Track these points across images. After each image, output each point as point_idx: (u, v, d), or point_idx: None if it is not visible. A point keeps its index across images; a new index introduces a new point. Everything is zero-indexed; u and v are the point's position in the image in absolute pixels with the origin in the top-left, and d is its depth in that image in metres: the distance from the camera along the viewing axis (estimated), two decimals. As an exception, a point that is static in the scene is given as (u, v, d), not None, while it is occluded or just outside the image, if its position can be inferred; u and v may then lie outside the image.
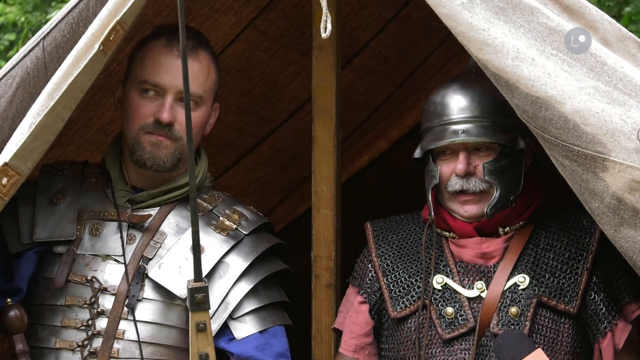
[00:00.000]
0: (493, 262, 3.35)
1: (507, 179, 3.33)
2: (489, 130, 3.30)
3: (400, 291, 3.41)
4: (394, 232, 3.52)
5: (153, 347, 3.23)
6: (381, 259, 3.47)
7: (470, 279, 3.35)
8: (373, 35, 4.49)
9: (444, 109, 3.36)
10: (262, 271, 3.32)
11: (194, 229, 2.63)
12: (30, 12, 11.72)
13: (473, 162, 3.31)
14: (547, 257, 3.34)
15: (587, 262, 3.32)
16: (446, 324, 3.32)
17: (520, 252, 3.35)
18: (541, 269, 3.33)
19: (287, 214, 5.37)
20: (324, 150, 3.60)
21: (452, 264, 3.38)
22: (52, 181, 3.41)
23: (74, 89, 3.00)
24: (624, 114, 2.86)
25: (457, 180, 3.32)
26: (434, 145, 3.33)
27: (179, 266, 3.24)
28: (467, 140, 3.29)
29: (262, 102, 4.54)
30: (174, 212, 3.35)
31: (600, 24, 3.07)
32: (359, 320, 3.47)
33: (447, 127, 3.33)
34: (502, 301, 3.30)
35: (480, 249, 3.36)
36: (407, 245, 3.48)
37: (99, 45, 2.97)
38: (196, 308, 2.66)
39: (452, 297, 3.34)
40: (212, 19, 3.88)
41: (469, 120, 3.31)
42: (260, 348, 3.24)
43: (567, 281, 3.31)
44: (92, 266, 3.28)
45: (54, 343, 3.25)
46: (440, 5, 2.96)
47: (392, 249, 3.48)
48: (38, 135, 2.98)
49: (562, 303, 3.29)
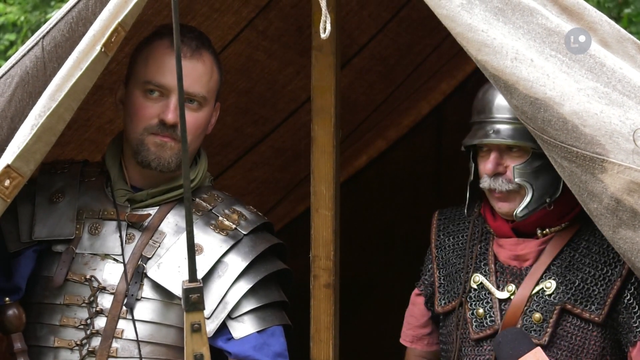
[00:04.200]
0: (526, 264, 3.35)
1: (542, 180, 3.30)
2: (522, 132, 3.23)
3: (447, 286, 3.45)
4: (454, 222, 3.54)
5: (152, 346, 3.23)
6: (438, 250, 3.51)
7: (505, 280, 3.36)
8: (372, 36, 4.49)
9: (484, 105, 3.37)
10: (261, 271, 3.32)
11: (189, 229, 2.63)
12: (29, 11, 11.71)
13: (504, 163, 3.31)
14: (583, 262, 3.32)
15: (624, 269, 3.27)
16: (477, 324, 3.35)
17: (556, 256, 3.33)
18: (572, 275, 3.30)
19: (285, 214, 5.37)
20: (322, 150, 3.60)
21: (491, 263, 3.39)
22: (51, 180, 3.41)
23: (75, 90, 3.00)
24: (623, 115, 2.87)
25: (486, 179, 3.33)
26: (468, 142, 3.36)
27: (178, 266, 3.24)
28: (497, 141, 3.29)
29: (261, 102, 4.54)
30: (173, 212, 3.35)
31: (600, 25, 3.07)
32: (415, 312, 3.56)
33: (484, 125, 3.33)
34: (528, 305, 3.30)
35: (514, 251, 3.36)
36: (463, 238, 3.49)
37: (100, 47, 2.97)
38: (191, 308, 2.66)
39: (485, 297, 3.36)
40: (211, 19, 3.88)
41: (503, 121, 3.30)
42: (258, 348, 3.24)
43: (598, 288, 3.28)
44: (91, 265, 3.28)
45: (52, 342, 3.25)
46: (439, 6, 2.96)
47: (449, 241, 3.51)
48: (40, 137, 2.99)
49: (586, 311, 3.27)
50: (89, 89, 3.03)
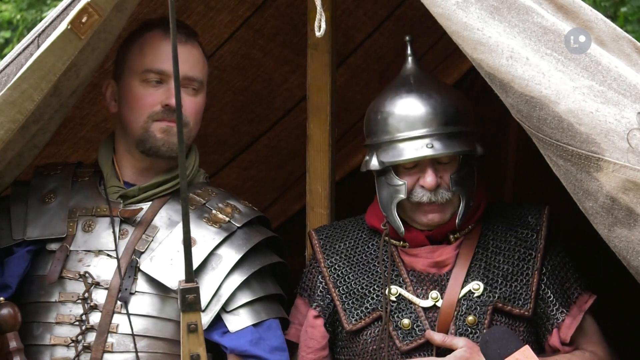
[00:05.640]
0: (446, 270, 3.33)
1: (468, 186, 3.33)
2: (454, 141, 3.27)
3: (353, 303, 3.37)
4: (341, 240, 3.47)
5: (147, 340, 3.23)
6: (331, 269, 3.42)
7: (424, 288, 3.33)
8: (368, 34, 4.49)
9: (403, 121, 3.30)
10: (255, 264, 3.31)
11: (186, 229, 2.63)
12: (25, 10, 11.70)
13: (438, 174, 3.29)
14: (497, 260, 3.33)
15: (537, 261, 3.33)
16: (403, 336, 3.29)
17: (472, 258, 3.34)
18: (494, 274, 3.32)
19: (281, 213, 5.37)
20: (318, 148, 3.60)
21: (404, 274, 3.35)
22: (44, 182, 3.42)
23: (41, 67, 2.96)
24: (618, 114, 2.86)
25: (423, 192, 3.28)
26: (402, 160, 3.28)
27: (171, 259, 3.24)
28: (437, 154, 3.26)
29: (257, 100, 4.54)
30: (166, 206, 3.35)
31: (595, 24, 3.07)
32: (315, 335, 3.42)
33: (413, 140, 3.27)
34: (458, 310, 3.29)
35: (432, 258, 3.34)
36: (357, 254, 3.43)
37: (67, 24, 2.94)
38: (187, 309, 2.66)
39: (407, 307, 3.31)
40: (207, 17, 3.88)
41: (434, 134, 3.27)
42: (254, 342, 3.24)
43: (520, 284, 3.31)
44: (85, 262, 3.28)
45: (48, 339, 3.25)
46: (434, 4, 2.95)
47: (341, 259, 3.43)
48: (1, 110, 2.96)
49: (516, 307, 3.30)
50: (60, 70, 2.99)
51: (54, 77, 3.00)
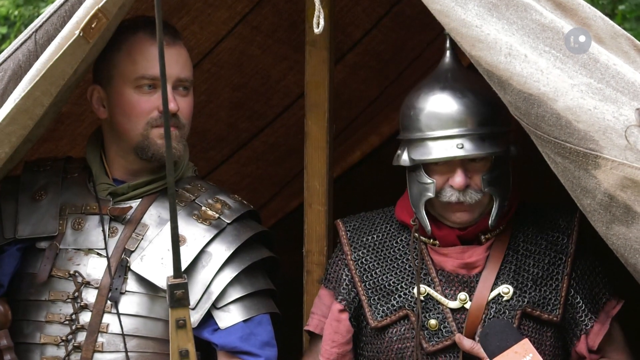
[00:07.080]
0: (475, 272, 3.29)
1: (502, 186, 3.28)
2: (486, 142, 3.21)
3: (380, 299, 3.33)
4: (369, 233, 3.42)
5: (137, 339, 3.22)
6: (357, 263, 3.38)
7: (453, 289, 3.29)
8: (366, 31, 4.48)
9: (435, 118, 3.25)
10: (246, 259, 3.30)
11: (173, 225, 2.62)
12: (22, 5, 11.68)
13: (468, 174, 3.24)
14: (527, 264, 3.30)
15: (567, 266, 3.29)
16: (430, 336, 3.26)
17: (502, 261, 3.29)
18: (523, 278, 3.28)
19: (279, 209, 5.37)
20: (316, 145, 3.60)
21: (433, 273, 3.31)
22: (34, 178, 3.40)
23: (52, 74, 2.97)
24: (616, 111, 2.86)
25: (453, 192, 3.23)
26: (431, 159, 3.23)
27: (161, 258, 3.23)
28: (467, 155, 3.20)
29: (255, 97, 4.53)
30: (155, 204, 3.34)
31: (593, 21, 3.06)
32: (340, 329, 3.38)
33: (444, 140, 3.22)
34: (486, 313, 3.25)
35: (462, 259, 3.30)
36: (385, 248, 3.39)
37: (79, 31, 2.95)
38: (176, 304, 2.65)
39: (435, 307, 3.28)
40: (205, 14, 3.87)
41: (466, 134, 3.21)
42: (244, 338, 3.23)
43: (549, 289, 3.27)
44: (75, 260, 3.27)
45: (38, 338, 3.25)
46: (433, 1, 2.95)
47: (368, 253, 3.39)
48: (15, 119, 2.97)
49: (545, 313, 3.26)
50: (68, 74, 3.00)
51: (62, 82, 3.01)
